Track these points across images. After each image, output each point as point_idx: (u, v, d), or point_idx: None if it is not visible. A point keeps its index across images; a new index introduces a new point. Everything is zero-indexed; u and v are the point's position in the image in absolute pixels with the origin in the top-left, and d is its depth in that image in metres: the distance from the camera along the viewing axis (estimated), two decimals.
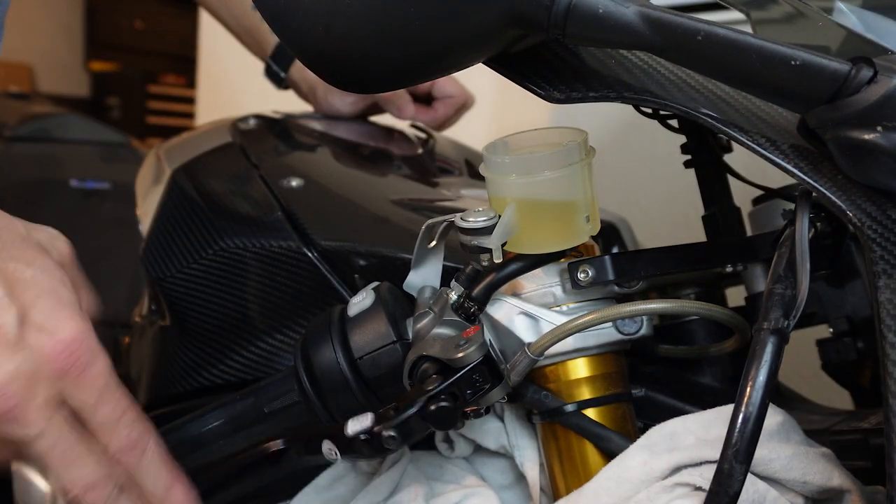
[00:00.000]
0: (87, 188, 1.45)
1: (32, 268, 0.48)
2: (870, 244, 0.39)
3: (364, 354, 0.53)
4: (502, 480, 0.61)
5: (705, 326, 0.60)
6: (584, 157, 0.48)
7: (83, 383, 0.48)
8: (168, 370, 0.72)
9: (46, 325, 0.47)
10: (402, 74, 0.44)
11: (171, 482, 0.51)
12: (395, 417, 0.48)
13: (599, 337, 0.51)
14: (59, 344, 0.47)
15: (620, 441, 0.50)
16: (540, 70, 0.45)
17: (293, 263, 0.68)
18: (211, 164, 0.79)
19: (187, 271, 0.70)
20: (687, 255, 0.53)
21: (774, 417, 0.47)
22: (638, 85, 0.44)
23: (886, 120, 0.36)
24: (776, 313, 0.39)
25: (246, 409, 0.57)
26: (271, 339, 0.69)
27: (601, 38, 0.39)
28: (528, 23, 0.39)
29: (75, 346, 0.47)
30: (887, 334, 0.37)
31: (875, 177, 0.38)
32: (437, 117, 1.00)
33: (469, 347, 0.47)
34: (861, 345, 0.57)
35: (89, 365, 0.48)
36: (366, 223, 0.70)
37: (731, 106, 0.43)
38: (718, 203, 0.65)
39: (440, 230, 0.55)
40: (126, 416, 0.49)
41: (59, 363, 0.47)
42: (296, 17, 0.41)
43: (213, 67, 2.46)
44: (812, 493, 0.46)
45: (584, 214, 0.49)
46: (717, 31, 0.37)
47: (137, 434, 0.49)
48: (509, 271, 0.51)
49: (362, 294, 0.56)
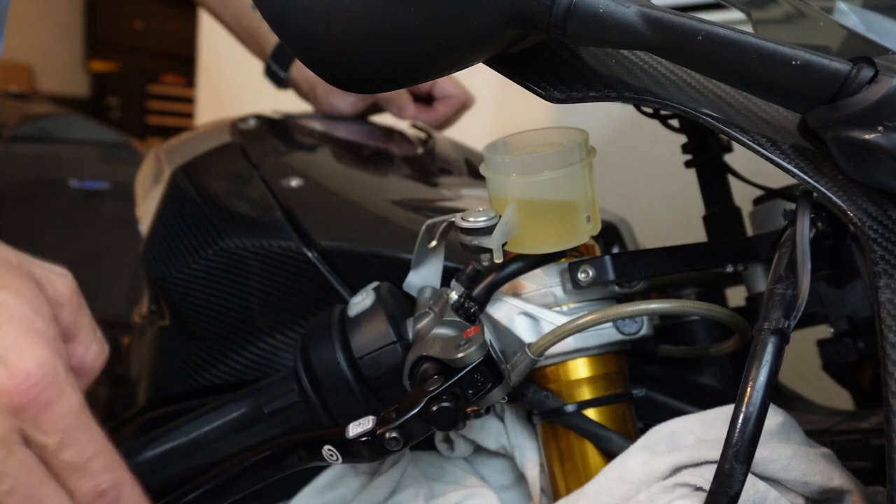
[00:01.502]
0: (87, 188, 1.45)
1: (4, 292, 0.44)
2: (870, 244, 0.39)
3: (364, 354, 0.53)
4: (502, 480, 0.61)
5: (706, 326, 0.60)
6: (585, 157, 0.48)
7: (44, 422, 0.43)
8: (168, 370, 0.72)
9: (7, 355, 0.42)
10: (403, 74, 0.44)
11: None
12: (396, 419, 0.48)
13: (600, 337, 0.51)
14: (18, 376, 0.42)
15: (621, 441, 0.50)
16: (540, 70, 0.45)
17: (293, 263, 0.68)
18: (211, 164, 0.79)
19: (187, 271, 0.70)
20: (687, 255, 0.53)
21: (775, 418, 0.47)
22: (638, 85, 0.44)
23: (887, 120, 0.36)
24: (777, 313, 0.39)
25: (246, 409, 0.57)
26: (271, 339, 0.69)
27: (601, 38, 0.39)
28: (529, 23, 0.39)
29: (36, 380, 0.42)
30: (887, 334, 0.37)
31: (875, 177, 0.38)
32: (438, 117, 1.00)
33: (469, 348, 0.47)
34: (861, 345, 0.57)
35: (52, 402, 0.43)
36: (366, 223, 0.70)
37: (732, 106, 0.43)
38: (719, 203, 0.65)
39: (440, 230, 0.55)
40: (95, 462, 0.44)
41: (17, 398, 0.42)
42: (296, 17, 0.40)
43: (213, 67, 2.46)
44: (812, 494, 0.46)
45: (585, 214, 0.49)
46: (717, 31, 0.37)
47: (108, 484, 0.45)
48: (509, 271, 0.51)
49: (362, 294, 0.56)
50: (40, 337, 0.43)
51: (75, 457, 0.43)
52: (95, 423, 0.45)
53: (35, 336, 0.43)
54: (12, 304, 0.43)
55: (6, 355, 0.42)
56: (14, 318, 0.43)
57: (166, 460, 0.56)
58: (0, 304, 0.43)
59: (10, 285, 0.44)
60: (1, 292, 0.43)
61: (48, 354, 0.43)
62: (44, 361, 0.43)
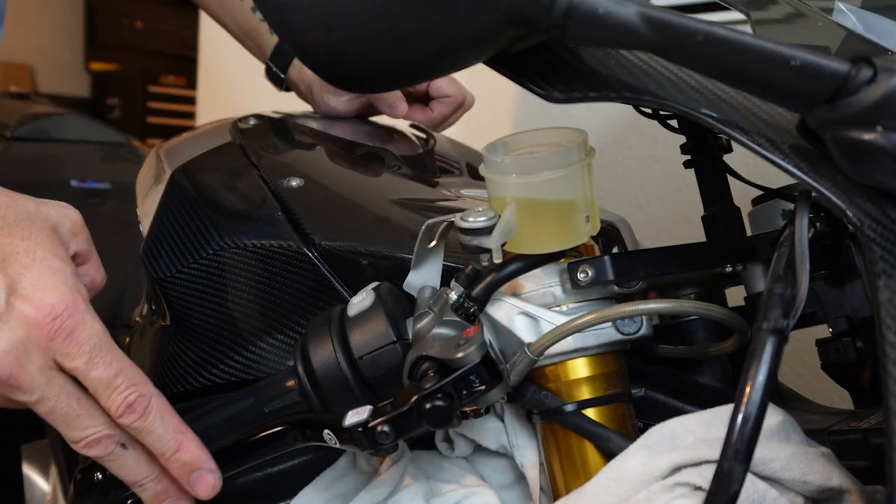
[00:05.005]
0: (88, 188, 1.45)
1: (27, 241, 0.51)
2: (869, 244, 0.39)
3: (364, 354, 0.53)
4: (502, 480, 0.61)
5: (705, 326, 0.60)
6: (584, 157, 0.49)
7: (71, 346, 0.49)
8: (168, 370, 0.72)
9: (32, 294, 0.49)
10: (403, 74, 0.44)
11: (178, 443, 0.52)
12: (390, 413, 0.48)
13: (599, 337, 0.51)
14: (43, 310, 0.49)
15: (620, 441, 0.50)
16: (540, 70, 0.45)
17: (293, 263, 0.68)
18: (211, 163, 0.79)
19: (187, 271, 0.70)
20: (687, 255, 0.53)
21: (774, 417, 0.47)
22: (638, 85, 0.44)
23: (886, 120, 0.36)
24: (776, 313, 0.39)
25: (246, 409, 0.57)
26: (271, 339, 0.69)
27: (601, 38, 0.39)
28: (529, 23, 0.39)
29: (59, 311, 0.49)
30: (887, 334, 0.37)
31: (875, 177, 0.38)
32: (434, 117, 0.99)
33: (469, 347, 0.47)
34: (861, 345, 0.57)
35: (76, 328, 0.49)
36: (366, 223, 0.70)
37: (731, 106, 0.43)
38: (718, 203, 0.65)
39: (440, 230, 0.55)
40: (121, 377, 0.51)
41: (44, 329, 0.49)
42: (296, 17, 0.41)
43: (213, 67, 2.46)
44: (812, 493, 0.46)
45: (584, 214, 0.49)
46: (717, 32, 0.37)
47: (135, 395, 0.51)
48: (509, 271, 0.51)
49: (362, 294, 0.56)
50: (60, 276, 0.51)
51: (103, 373, 0.50)
52: (118, 347, 0.52)
53: (55, 275, 0.50)
54: (33, 250, 0.50)
55: (32, 294, 0.49)
56: (36, 261, 0.50)
57: None
58: (24, 250, 0.50)
59: (31, 234, 0.51)
60: (22, 242, 0.50)
61: (67, 290, 0.50)
62: (65, 296, 0.50)
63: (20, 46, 4.69)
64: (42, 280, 0.50)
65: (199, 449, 0.53)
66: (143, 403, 0.51)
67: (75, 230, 0.55)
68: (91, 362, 0.50)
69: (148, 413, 0.51)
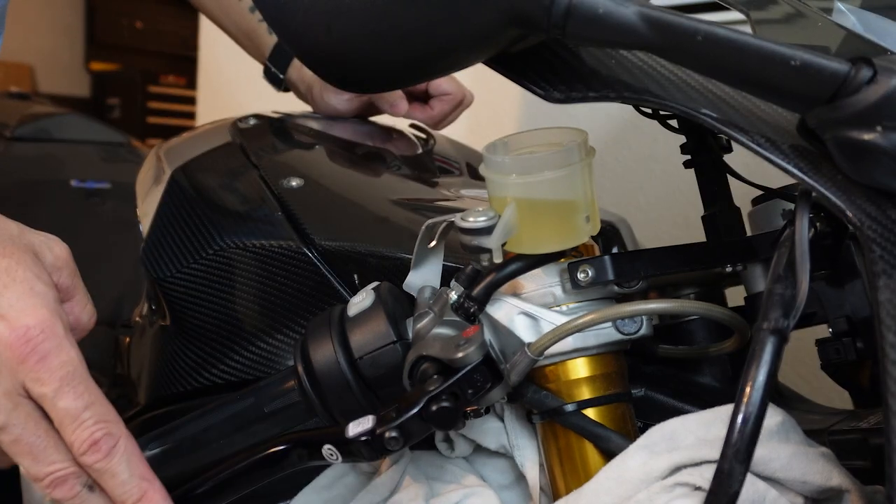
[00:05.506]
0: (88, 188, 1.45)
1: (7, 259, 0.49)
2: (869, 244, 0.39)
3: (364, 354, 0.53)
4: (502, 480, 0.61)
5: (705, 326, 0.60)
6: (584, 157, 0.49)
7: (42, 372, 0.46)
8: (168, 370, 0.72)
9: (8, 313, 0.47)
10: (403, 74, 0.44)
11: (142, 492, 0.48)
12: (396, 419, 0.48)
13: (599, 337, 0.51)
14: (18, 331, 0.46)
15: (620, 441, 0.50)
16: (540, 70, 0.45)
17: (293, 263, 0.68)
18: (211, 163, 0.79)
19: (187, 271, 0.70)
20: (687, 255, 0.53)
21: (774, 417, 0.47)
22: (638, 85, 0.44)
23: (886, 120, 0.36)
24: (776, 313, 0.39)
25: (246, 409, 0.57)
26: (271, 339, 0.69)
27: (601, 38, 0.39)
28: (528, 23, 0.39)
29: (35, 334, 0.47)
30: (887, 334, 0.37)
31: (875, 177, 0.38)
32: (434, 115, 0.99)
33: (469, 347, 0.47)
34: (860, 345, 0.57)
35: (50, 353, 0.47)
36: (366, 223, 0.70)
37: (731, 106, 0.43)
38: (718, 203, 0.64)
39: (440, 230, 0.55)
40: (90, 411, 0.47)
41: (16, 350, 0.46)
42: (296, 18, 0.41)
43: (213, 67, 2.46)
44: (811, 493, 0.46)
45: (584, 214, 0.49)
46: (717, 32, 0.37)
47: (102, 433, 0.47)
48: (509, 271, 0.51)
49: (362, 294, 0.56)
50: (41, 298, 0.48)
51: (71, 403, 0.47)
52: (92, 381, 0.48)
53: (36, 298, 0.48)
54: (14, 270, 0.48)
55: (8, 313, 0.47)
56: (17, 281, 0.48)
57: (166, 460, 0.56)
58: (4, 269, 0.48)
59: (13, 254, 0.49)
60: (4, 259, 0.48)
61: (48, 313, 0.48)
62: (42, 318, 0.47)
63: (20, 46, 4.69)
64: (21, 301, 0.47)
65: (164, 500, 0.49)
66: (109, 443, 0.47)
67: (59, 264, 0.52)
68: (60, 391, 0.46)
69: (113, 454, 0.47)
